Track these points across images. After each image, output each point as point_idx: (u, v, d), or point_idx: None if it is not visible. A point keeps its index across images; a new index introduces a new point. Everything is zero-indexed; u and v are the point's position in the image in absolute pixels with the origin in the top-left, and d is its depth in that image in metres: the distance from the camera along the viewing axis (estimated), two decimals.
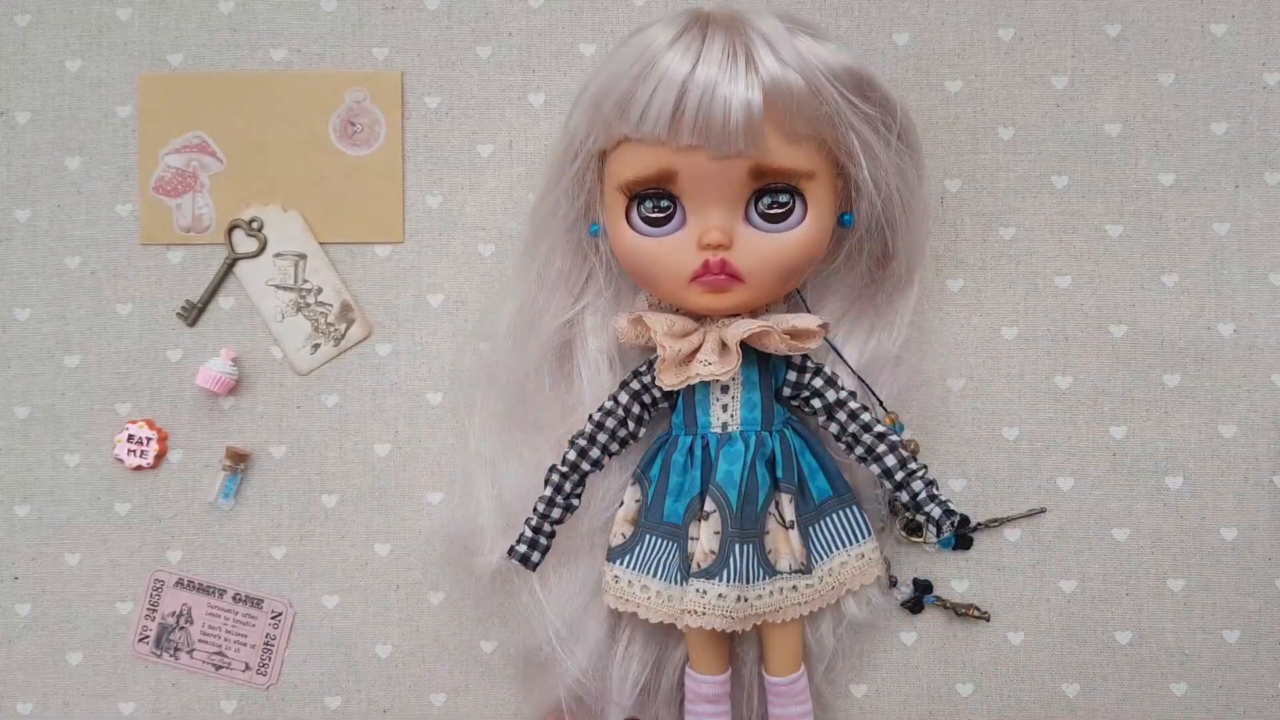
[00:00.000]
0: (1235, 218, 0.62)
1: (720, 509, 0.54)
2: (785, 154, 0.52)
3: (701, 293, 0.54)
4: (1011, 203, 0.63)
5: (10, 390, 0.64)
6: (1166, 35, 0.63)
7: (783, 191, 0.53)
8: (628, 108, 0.51)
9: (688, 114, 0.50)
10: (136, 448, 0.63)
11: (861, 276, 0.59)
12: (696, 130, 0.50)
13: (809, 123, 0.52)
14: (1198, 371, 0.62)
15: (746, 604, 0.54)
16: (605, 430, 0.57)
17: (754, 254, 0.53)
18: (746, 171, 0.52)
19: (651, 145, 0.52)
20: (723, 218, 0.53)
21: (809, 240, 0.54)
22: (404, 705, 0.63)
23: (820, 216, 0.54)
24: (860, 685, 0.62)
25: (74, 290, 0.64)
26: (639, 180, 0.53)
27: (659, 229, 0.54)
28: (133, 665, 0.63)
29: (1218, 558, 0.61)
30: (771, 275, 0.54)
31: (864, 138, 0.53)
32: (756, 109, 0.50)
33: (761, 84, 0.50)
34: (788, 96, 0.51)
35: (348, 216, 0.64)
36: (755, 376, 0.56)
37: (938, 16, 0.63)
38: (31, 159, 0.64)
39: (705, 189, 0.52)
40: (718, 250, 0.53)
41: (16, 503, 0.64)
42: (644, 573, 0.56)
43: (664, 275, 0.54)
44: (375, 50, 0.64)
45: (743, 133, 0.50)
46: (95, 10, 0.64)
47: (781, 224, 0.53)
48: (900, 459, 0.56)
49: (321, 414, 0.63)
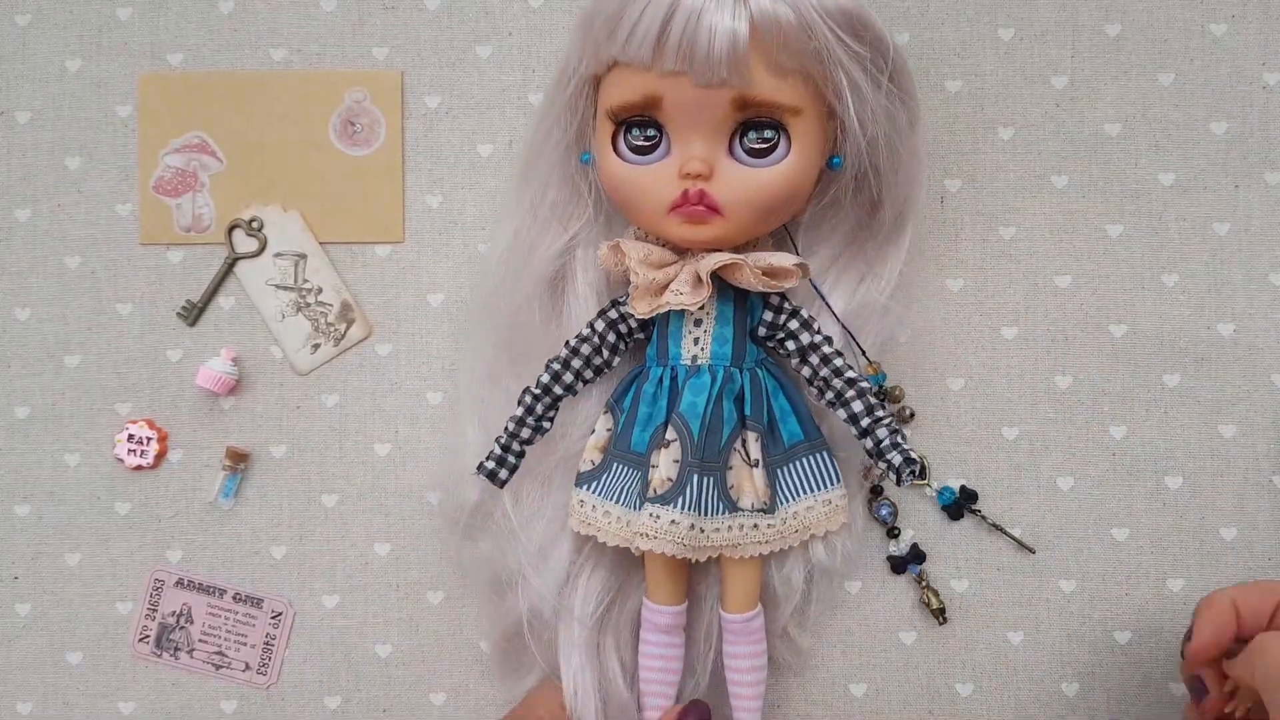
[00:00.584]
0: (1235, 218, 0.62)
1: (681, 438, 0.55)
2: (771, 86, 0.51)
3: (680, 223, 0.53)
4: (1011, 203, 0.63)
5: (10, 390, 0.64)
6: (1166, 35, 0.63)
7: (768, 126, 0.52)
8: (615, 28, 0.51)
9: (671, 38, 0.50)
10: (136, 447, 0.63)
11: (853, 223, 0.58)
12: (680, 56, 0.50)
13: (796, 57, 0.51)
14: (1198, 371, 0.62)
15: (702, 535, 0.54)
16: (580, 356, 0.57)
17: (734, 187, 0.53)
18: (730, 102, 0.51)
19: (638, 70, 0.52)
20: (705, 149, 0.52)
21: (791, 177, 0.53)
22: (404, 705, 0.63)
23: (804, 155, 0.53)
24: (860, 685, 0.62)
25: (74, 290, 0.64)
26: (625, 106, 0.53)
27: (644, 157, 0.54)
28: (133, 665, 0.63)
29: (1217, 558, 0.61)
30: (750, 210, 0.53)
31: (853, 77, 0.52)
32: (742, 38, 0.49)
33: (750, 13, 0.49)
34: (775, 28, 0.50)
35: (348, 216, 0.64)
36: (730, 312, 0.56)
37: (938, 16, 0.63)
38: (31, 159, 0.64)
39: (689, 118, 0.52)
40: (697, 180, 0.52)
41: (16, 502, 0.64)
42: (608, 498, 0.56)
43: (645, 204, 0.54)
44: (375, 50, 0.64)
45: (725, 62, 0.50)
46: (95, 10, 0.64)
47: (765, 159, 0.53)
48: (868, 405, 0.56)
49: (321, 414, 0.63)
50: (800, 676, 0.62)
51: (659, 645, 0.58)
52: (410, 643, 0.63)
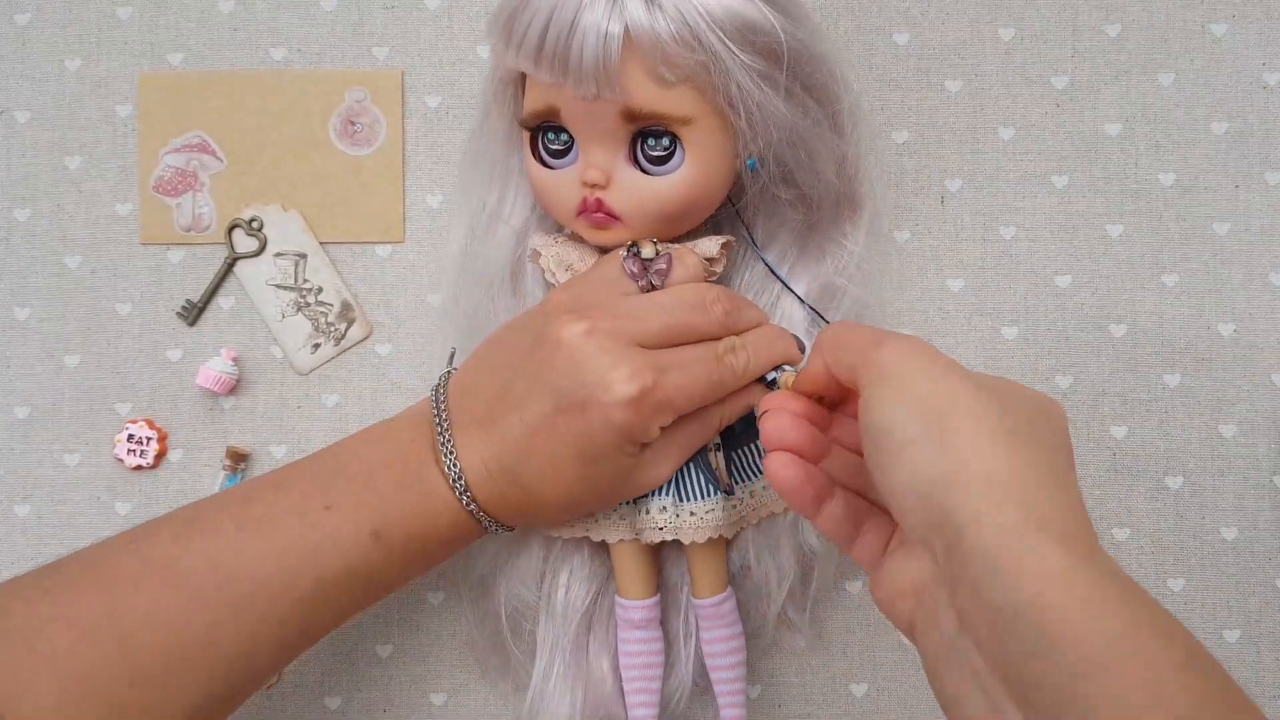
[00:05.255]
0: (1235, 218, 0.62)
1: None
2: (655, 97, 0.50)
3: (587, 227, 0.54)
4: (1011, 203, 0.63)
5: (10, 390, 0.64)
6: (1166, 35, 0.63)
7: (663, 135, 0.52)
8: (508, 40, 0.51)
9: (547, 51, 0.49)
10: (136, 447, 0.63)
11: (802, 211, 0.58)
12: (557, 69, 0.50)
13: (679, 69, 0.49)
14: (1198, 371, 0.62)
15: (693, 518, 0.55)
16: None
17: (631, 196, 0.53)
18: (619, 113, 0.51)
19: (535, 80, 0.52)
20: (603, 157, 0.52)
21: (687, 185, 0.52)
22: (404, 705, 0.63)
23: (702, 161, 0.52)
24: (860, 684, 0.62)
25: (74, 290, 0.64)
26: (532, 114, 0.53)
27: (559, 160, 0.54)
28: None
29: (1218, 557, 0.62)
30: (649, 218, 0.53)
31: (745, 87, 0.50)
32: (614, 52, 0.48)
33: (624, 27, 0.48)
34: (653, 42, 0.48)
35: (348, 216, 0.64)
36: None
37: (938, 16, 0.63)
38: (31, 158, 0.64)
39: (586, 127, 0.52)
40: (594, 190, 0.53)
41: (16, 502, 0.64)
42: None
43: (557, 207, 0.55)
44: (375, 50, 0.64)
45: (597, 76, 0.49)
46: (95, 9, 0.64)
47: (664, 166, 0.52)
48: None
49: (322, 414, 0.63)
50: (800, 676, 0.62)
51: (636, 642, 0.57)
52: (410, 643, 0.63)
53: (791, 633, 0.61)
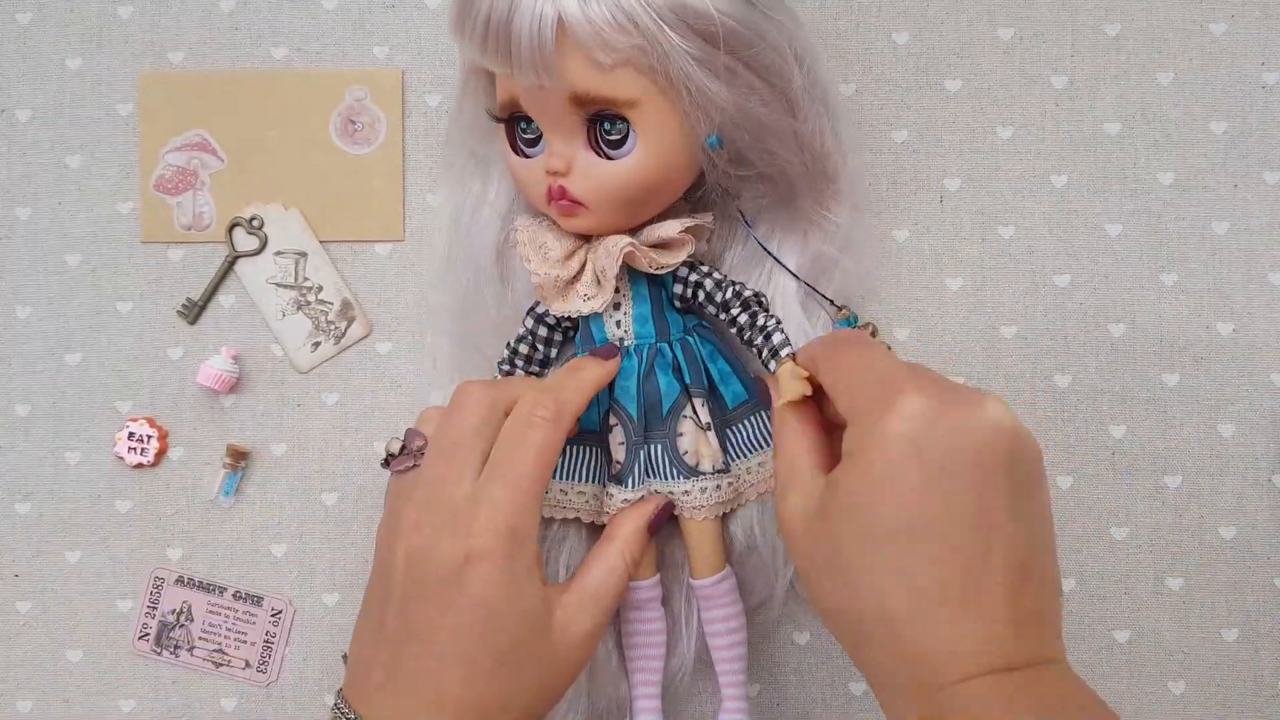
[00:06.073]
0: (1235, 217, 0.62)
1: (622, 422, 0.56)
2: (595, 82, 0.50)
3: (557, 214, 0.55)
4: (1011, 202, 0.63)
5: (10, 388, 0.64)
6: (1166, 35, 0.63)
7: (616, 119, 0.52)
8: (461, 28, 0.52)
9: (490, 40, 0.50)
10: (137, 445, 0.63)
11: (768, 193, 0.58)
12: (500, 58, 0.50)
13: (617, 53, 0.49)
14: (1197, 371, 0.62)
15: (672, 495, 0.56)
16: (520, 355, 0.58)
17: (591, 181, 0.53)
18: (567, 99, 0.51)
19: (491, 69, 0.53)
20: (564, 144, 0.53)
21: (644, 168, 0.52)
22: None
23: (656, 143, 0.52)
24: (860, 684, 0.62)
25: (74, 288, 0.64)
26: (499, 105, 0.54)
27: (533, 150, 0.54)
28: (133, 663, 0.63)
29: (1217, 556, 0.62)
30: (610, 202, 0.53)
31: (686, 69, 0.50)
32: (548, 39, 0.48)
33: (556, 12, 0.48)
34: (587, 27, 0.48)
35: (348, 215, 0.64)
36: (645, 290, 0.56)
37: (937, 16, 0.63)
38: (32, 157, 0.64)
39: (542, 115, 0.52)
40: (556, 177, 0.53)
41: (17, 500, 0.64)
42: (576, 480, 0.57)
43: (531, 195, 0.55)
44: (376, 49, 0.64)
45: (533, 63, 0.49)
46: (96, 8, 0.64)
47: (619, 150, 0.52)
48: (750, 316, 0.55)
49: (322, 412, 0.63)
50: (800, 676, 0.62)
51: (638, 621, 0.58)
52: None
53: (792, 627, 0.61)
